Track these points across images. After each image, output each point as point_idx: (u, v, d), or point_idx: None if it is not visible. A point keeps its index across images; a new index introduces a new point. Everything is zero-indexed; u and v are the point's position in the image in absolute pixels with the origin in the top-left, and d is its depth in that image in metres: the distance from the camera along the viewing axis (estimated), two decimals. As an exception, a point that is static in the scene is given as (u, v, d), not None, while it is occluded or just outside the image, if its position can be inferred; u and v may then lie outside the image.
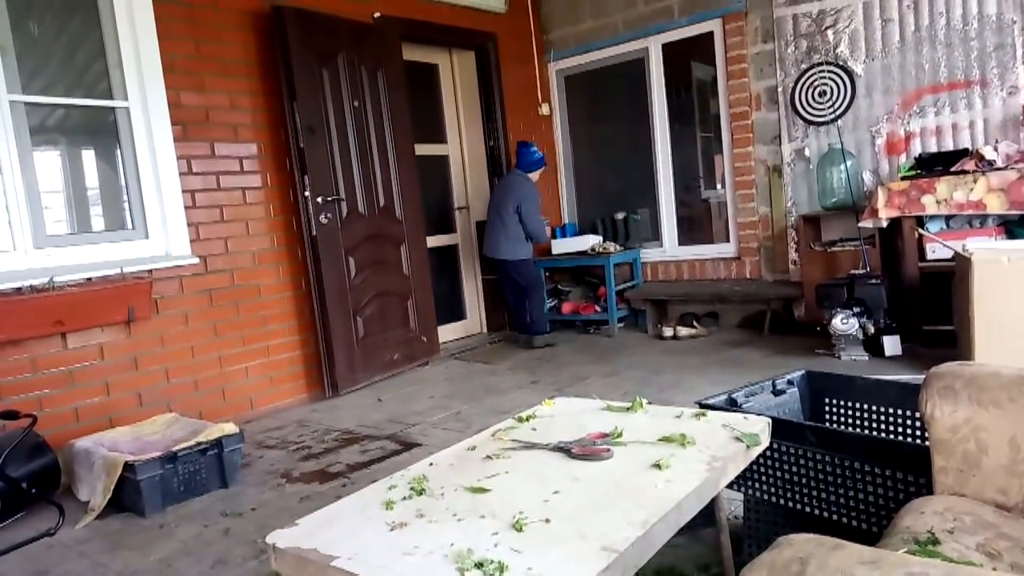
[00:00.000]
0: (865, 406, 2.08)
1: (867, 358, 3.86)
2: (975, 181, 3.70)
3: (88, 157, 3.72)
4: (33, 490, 2.59)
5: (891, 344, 3.88)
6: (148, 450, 2.77)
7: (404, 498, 1.38)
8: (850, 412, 2.12)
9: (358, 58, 4.39)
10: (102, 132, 3.62)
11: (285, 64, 3.98)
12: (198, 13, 3.77)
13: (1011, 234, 3.79)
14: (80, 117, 3.56)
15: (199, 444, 2.77)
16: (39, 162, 3.33)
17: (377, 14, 4.65)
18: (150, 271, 3.50)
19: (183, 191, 3.70)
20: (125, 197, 3.64)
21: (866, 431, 2.05)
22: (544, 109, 5.90)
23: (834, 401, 2.16)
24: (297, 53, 3.99)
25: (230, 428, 2.88)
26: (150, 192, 3.63)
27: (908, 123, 4.46)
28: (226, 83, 3.88)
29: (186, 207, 3.71)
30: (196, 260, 3.69)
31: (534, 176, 5.11)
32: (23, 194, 3.22)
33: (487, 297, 5.77)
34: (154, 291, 3.48)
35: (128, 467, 2.59)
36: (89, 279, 3.28)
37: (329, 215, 4.15)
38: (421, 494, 1.39)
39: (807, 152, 4.81)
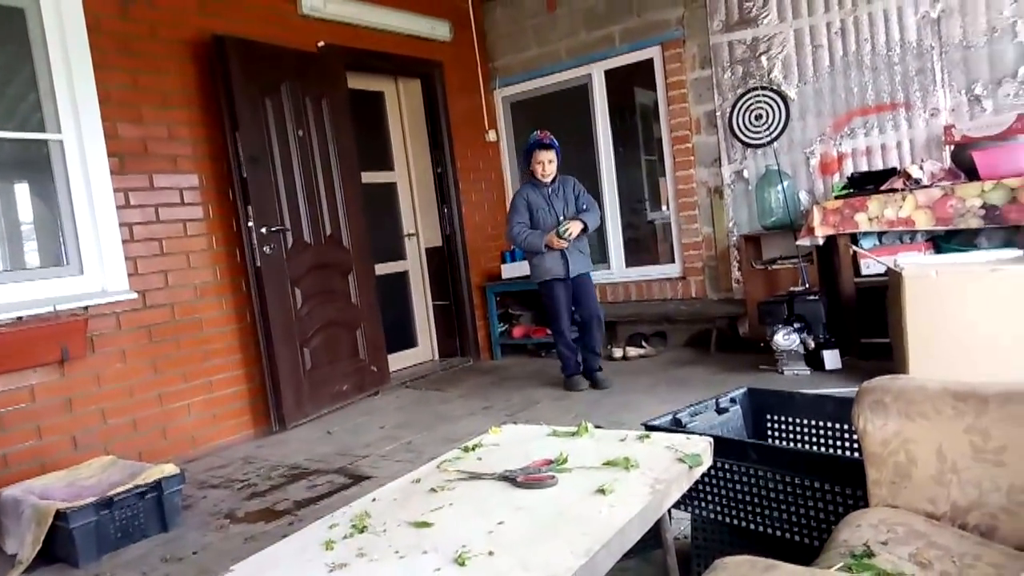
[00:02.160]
0: (805, 421, 2.13)
1: (809, 372, 3.96)
2: (903, 199, 3.85)
3: (21, 191, 3.59)
4: (-43, 543, 2.46)
5: (831, 358, 3.99)
6: (83, 496, 2.65)
7: (345, 537, 1.35)
8: (791, 428, 2.16)
9: (302, 87, 4.36)
10: (35, 165, 3.50)
11: (227, 94, 3.93)
12: (135, 44, 3.70)
13: (938, 249, 3.96)
14: (12, 150, 3.44)
15: (137, 487, 2.66)
16: (-35, 198, 3.21)
17: (321, 43, 4.64)
18: (85, 308, 3.38)
19: (120, 224, 3.59)
20: (60, 232, 3.52)
21: (807, 446, 2.10)
22: (491, 135, 5.95)
23: (776, 417, 2.20)
24: (239, 83, 3.95)
25: (170, 469, 2.79)
26: (85, 226, 3.52)
27: (840, 144, 4.63)
28: (165, 114, 3.81)
29: (124, 241, 3.60)
30: (134, 295, 3.58)
31: (532, 174, 4.29)
32: (-53, 231, 3.09)
33: (439, 323, 5.74)
34: (90, 329, 3.36)
35: (60, 515, 2.47)
36: (20, 318, 3.15)
37: (274, 245, 4.09)
38: (363, 531, 1.36)
39: (746, 174, 4.96)
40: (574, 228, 4.11)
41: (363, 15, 4.90)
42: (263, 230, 4.02)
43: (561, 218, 4.17)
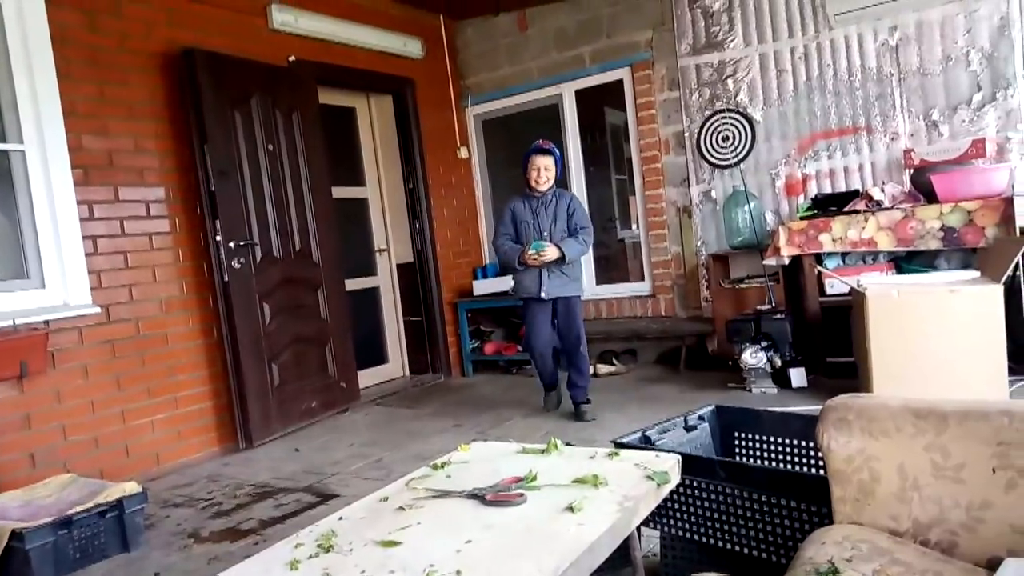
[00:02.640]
0: (772, 439, 2.16)
1: (776, 390, 4.02)
2: (866, 220, 3.95)
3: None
4: (-96, 567, 2.37)
5: (797, 376, 4.05)
6: (40, 515, 2.58)
7: (310, 556, 1.34)
8: (759, 445, 2.19)
9: (273, 101, 4.34)
10: (-6, 177, 3.43)
11: (196, 107, 3.89)
12: (102, 55, 3.65)
13: (900, 269, 4.06)
14: (-29, 161, 3.36)
15: (97, 506, 2.59)
16: (-79, 209, 3.12)
17: (292, 58, 4.63)
18: (46, 322, 3.30)
19: (84, 237, 3.52)
20: (20, 244, 3.44)
21: (774, 464, 2.12)
22: (463, 152, 5.97)
23: (743, 435, 2.22)
24: (209, 96, 3.92)
25: (131, 487, 2.72)
26: (47, 239, 3.44)
27: (804, 166, 4.74)
28: (132, 126, 3.76)
29: (87, 254, 3.53)
30: (97, 309, 3.51)
31: (528, 182, 3.99)
32: (-99, 243, 3.00)
33: (410, 340, 5.71)
34: (50, 343, 3.28)
35: (16, 535, 2.40)
36: (-24, 333, 3.06)
37: (242, 260, 4.04)
38: (328, 551, 1.35)
39: (714, 194, 5.04)
40: (549, 253, 3.80)
41: (335, 31, 4.90)
42: (231, 244, 3.98)
43: (545, 234, 3.89)
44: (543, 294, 3.91)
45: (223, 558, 2.54)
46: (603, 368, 5.03)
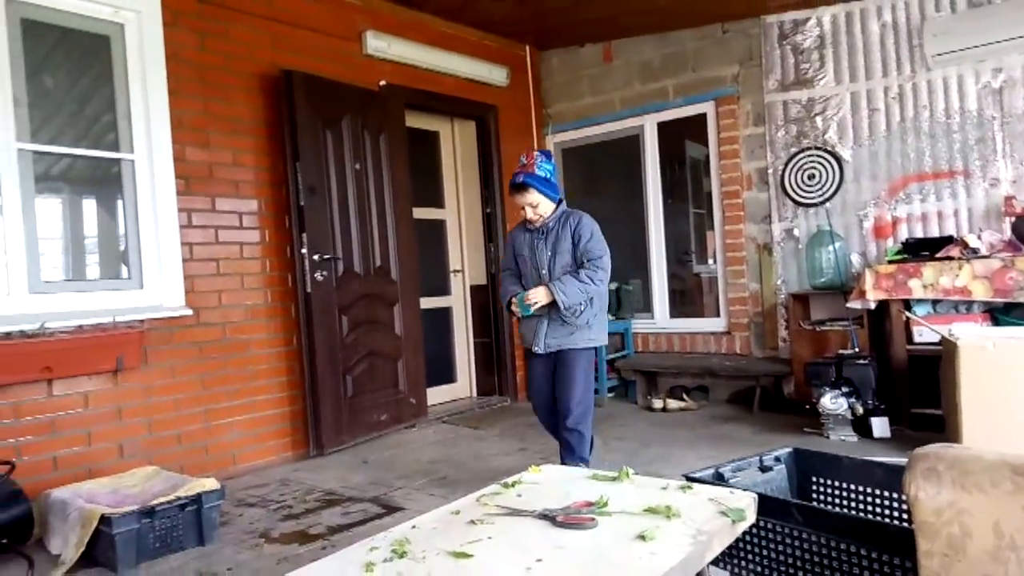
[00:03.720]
0: (852, 486, 2.08)
1: (856, 439, 3.85)
2: (960, 268, 3.78)
3: (89, 206, 3.76)
4: (4, 540, 2.52)
5: (880, 426, 3.88)
6: (126, 503, 2.71)
7: (385, 560, 1.37)
8: (837, 492, 2.11)
9: (362, 123, 4.51)
10: (105, 182, 3.67)
11: (291, 125, 4.08)
12: (209, 73, 3.89)
13: (996, 321, 3.85)
14: (85, 167, 3.62)
15: (178, 499, 2.71)
16: (41, 209, 3.37)
17: (383, 82, 4.80)
18: (142, 321, 3.50)
19: (182, 243, 3.73)
20: (123, 246, 3.67)
21: (853, 512, 2.04)
22: (541, 179, 6.02)
23: (822, 480, 2.15)
24: (303, 116, 4.11)
25: (211, 484, 2.83)
26: (149, 243, 3.66)
27: (895, 208, 4.58)
28: (231, 140, 3.98)
29: (183, 259, 3.74)
30: (189, 312, 3.70)
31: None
32: (22, 239, 3.25)
33: (479, 361, 5.76)
34: (144, 341, 3.47)
35: (104, 520, 2.53)
36: (80, 326, 3.27)
37: (325, 273, 4.19)
38: (403, 556, 1.37)
39: (796, 232, 4.92)
40: (535, 297, 3.07)
41: (425, 57, 5.06)
42: (315, 257, 4.13)
43: (543, 272, 3.15)
44: (537, 347, 3.19)
45: (292, 559, 2.61)
46: (673, 403, 4.95)
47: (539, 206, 3.14)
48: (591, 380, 3.21)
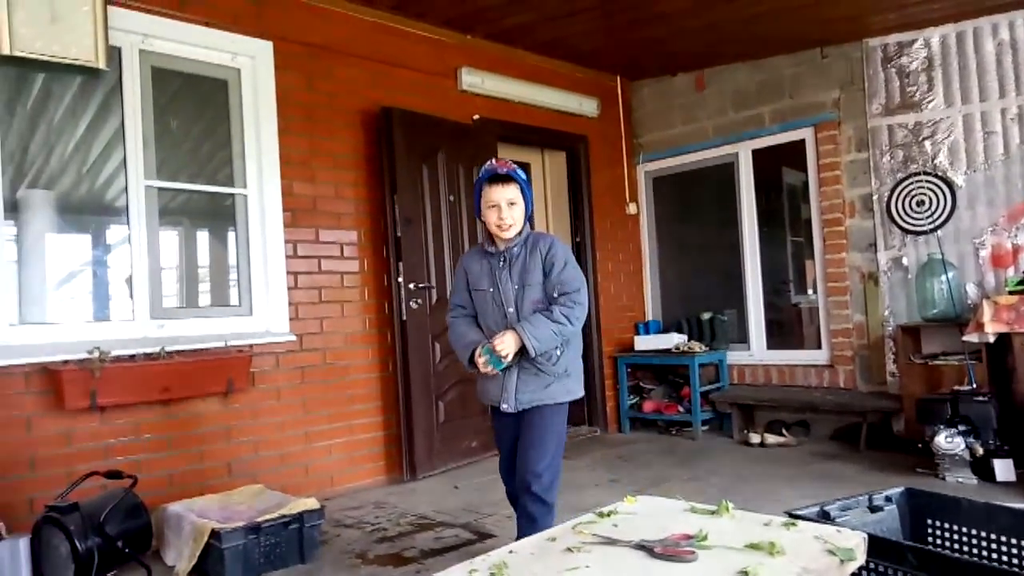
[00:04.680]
0: (974, 531, 1.94)
1: (975, 482, 3.59)
2: (1092, 298, 3.49)
3: (203, 238, 4.03)
4: (127, 549, 2.70)
5: (1003, 468, 3.60)
6: (234, 519, 2.85)
7: (484, 584, 1.38)
8: (955, 537, 1.98)
9: (456, 156, 4.65)
10: (219, 216, 3.93)
11: (389, 159, 4.25)
12: (315, 112, 4.12)
13: None
14: (201, 201, 3.88)
15: (283, 517, 2.83)
16: (162, 240, 3.64)
17: (477, 116, 4.94)
18: (251, 346, 3.69)
19: (287, 272, 3.93)
20: (233, 275, 3.91)
21: (974, 559, 1.90)
22: (631, 208, 6.01)
23: (937, 523, 2.03)
24: (401, 150, 4.27)
25: (312, 503, 2.94)
26: (258, 272, 3.88)
27: (1016, 236, 4.29)
28: (334, 175, 4.18)
29: (289, 288, 3.93)
30: (293, 337, 3.88)
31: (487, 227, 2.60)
32: (146, 269, 3.51)
33: (567, 391, 5.73)
34: (252, 365, 3.66)
35: (214, 534, 2.67)
36: (196, 350, 3.49)
37: (419, 301, 4.30)
38: (501, 581, 1.38)
39: (905, 261, 4.68)
40: (507, 348, 2.38)
41: (517, 91, 5.17)
42: (411, 286, 4.25)
43: (509, 310, 2.48)
44: (506, 405, 2.50)
45: (386, 582, 2.66)
46: (771, 438, 4.76)
47: (515, 208, 2.49)
48: (563, 440, 2.55)
